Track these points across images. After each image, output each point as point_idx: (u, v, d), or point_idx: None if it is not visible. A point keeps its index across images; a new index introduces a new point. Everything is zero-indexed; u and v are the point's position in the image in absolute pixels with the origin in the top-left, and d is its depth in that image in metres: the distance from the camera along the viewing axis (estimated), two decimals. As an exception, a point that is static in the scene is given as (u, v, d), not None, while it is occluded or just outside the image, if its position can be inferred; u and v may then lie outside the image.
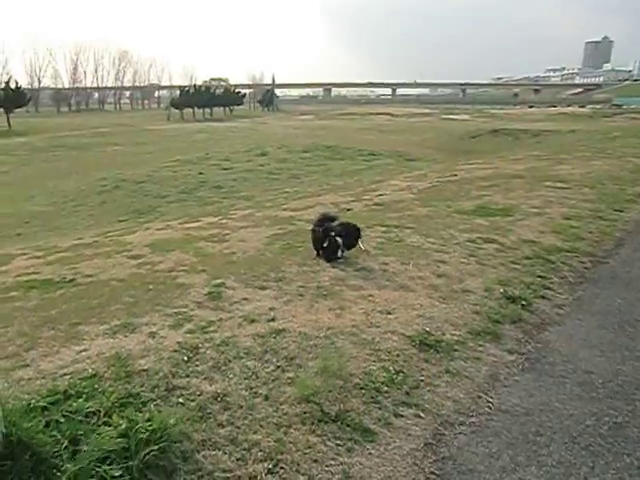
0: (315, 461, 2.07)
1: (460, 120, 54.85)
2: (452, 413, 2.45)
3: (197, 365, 2.69)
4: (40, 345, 3.00)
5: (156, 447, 1.94)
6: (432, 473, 2.07)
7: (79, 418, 2.04)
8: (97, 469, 1.78)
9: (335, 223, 4.70)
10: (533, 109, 73.82)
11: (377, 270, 4.25)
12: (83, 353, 2.83)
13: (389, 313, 3.41)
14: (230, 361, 2.74)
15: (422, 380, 2.68)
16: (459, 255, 4.59)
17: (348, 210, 7.38)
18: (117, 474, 1.80)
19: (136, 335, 3.09)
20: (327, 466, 2.06)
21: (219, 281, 4.10)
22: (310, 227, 4.95)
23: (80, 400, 2.23)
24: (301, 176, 19.51)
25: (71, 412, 2.12)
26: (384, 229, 5.71)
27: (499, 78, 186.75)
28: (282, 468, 2.02)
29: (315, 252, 4.69)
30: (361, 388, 2.56)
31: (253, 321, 3.26)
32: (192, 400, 2.37)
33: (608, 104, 77.91)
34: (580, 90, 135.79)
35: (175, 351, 2.83)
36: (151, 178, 20.10)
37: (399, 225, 5.83)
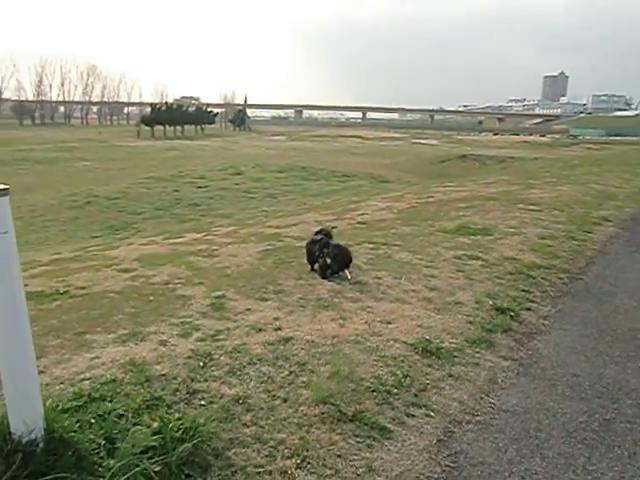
0: (339, 456, 2.20)
1: (429, 145, 56.44)
2: (459, 413, 2.62)
3: (213, 370, 2.78)
4: (49, 353, 3.03)
5: (190, 444, 2.03)
6: (447, 466, 2.22)
7: (110, 418, 2.11)
8: (138, 464, 1.86)
9: (331, 243, 4.79)
10: (498, 136, 76.63)
11: (371, 284, 4.43)
12: (96, 360, 2.88)
13: (389, 323, 3.57)
14: (244, 367, 2.84)
15: (428, 383, 2.84)
16: (448, 270, 4.82)
17: (333, 228, 7.56)
18: (157, 469, 1.88)
19: (146, 343, 3.15)
20: (351, 461, 2.19)
21: (219, 293, 4.19)
22: (303, 243, 5.08)
23: (106, 402, 2.30)
24: (277, 195, 19.71)
25: (100, 414, 2.18)
26: (372, 246, 5.91)
27: (465, 106, 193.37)
28: (309, 463, 2.13)
29: (310, 267, 4.83)
30: (372, 391, 2.70)
31: (260, 330, 3.37)
32: (214, 402, 2.46)
33: (565, 134, 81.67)
34: (540, 120, 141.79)
35: (189, 357, 2.92)
36: (125, 194, 19.94)
37: (386, 243, 6.04)
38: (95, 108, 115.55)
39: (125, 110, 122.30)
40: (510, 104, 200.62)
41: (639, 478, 2.21)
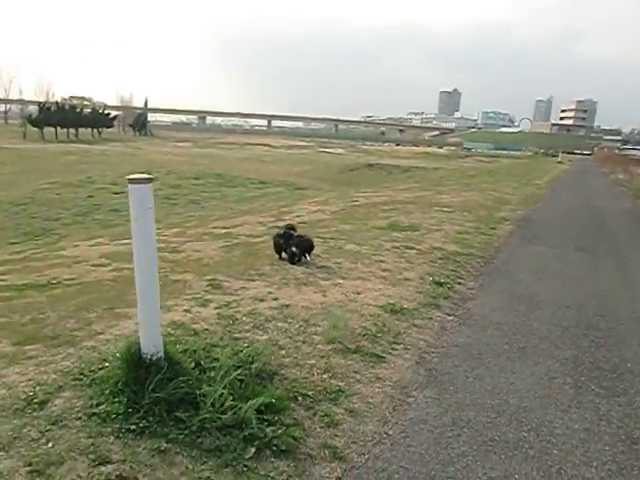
0: (355, 372, 3.13)
1: (336, 154, 58.72)
2: (426, 347, 3.66)
3: (241, 326, 3.58)
4: (95, 322, 3.62)
5: (257, 364, 2.85)
6: (425, 375, 3.24)
7: (198, 351, 2.86)
8: (231, 374, 2.65)
9: (294, 234, 5.72)
10: (400, 147, 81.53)
11: (334, 268, 5.39)
12: (143, 323, 3.54)
13: (359, 294, 4.56)
14: (264, 323, 3.67)
15: (400, 331, 3.86)
16: (392, 257, 5.93)
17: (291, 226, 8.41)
18: (243, 377, 2.68)
19: (173, 312, 3.84)
20: (363, 375, 3.12)
21: (210, 277, 4.91)
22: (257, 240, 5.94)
23: (181, 344, 3.02)
24: (200, 202, 20.05)
25: (183, 351, 2.91)
26: (321, 240, 6.87)
27: (368, 116, 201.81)
28: (336, 377, 3.04)
29: (277, 256, 5.68)
30: (363, 335, 3.66)
31: (262, 300, 4.19)
32: (255, 344, 3.27)
33: (460, 147, 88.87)
34: (437, 133, 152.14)
35: (218, 319, 3.68)
36: (32, 200, 19.14)
37: (333, 237, 7.05)
38: None
39: (1, 108, 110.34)
40: (410, 116, 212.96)
41: (545, 379, 3.36)
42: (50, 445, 2.11)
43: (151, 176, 2.47)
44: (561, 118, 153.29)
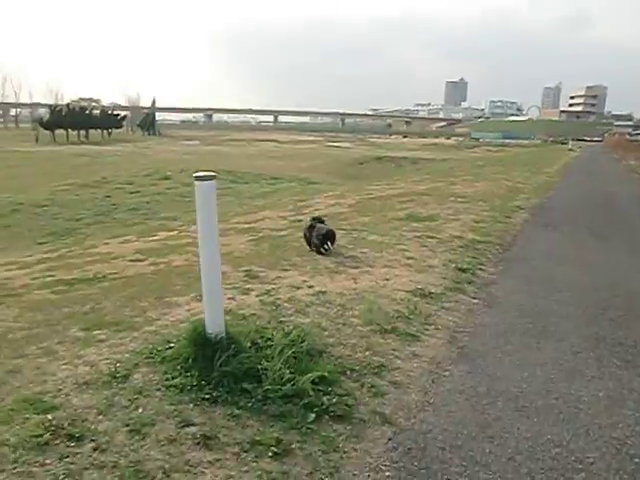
0: (394, 349, 3.41)
1: (344, 148, 58.86)
2: (455, 327, 3.93)
3: (284, 311, 3.87)
4: (149, 310, 3.93)
5: (306, 343, 3.14)
6: (457, 351, 3.51)
7: (252, 331, 3.16)
8: (287, 351, 2.93)
9: (316, 226, 6.00)
10: (407, 139, 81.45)
11: (361, 257, 5.67)
12: (195, 309, 3.84)
13: (387, 280, 4.83)
14: (304, 308, 3.96)
15: (430, 313, 4.13)
16: (414, 246, 6.19)
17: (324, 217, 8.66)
18: (296, 354, 2.97)
19: (219, 300, 4.13)
20: (401, 352, 3.40)
21: (245, 268, 5.20)
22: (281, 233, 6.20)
23: (236, 327, 3.31)
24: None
25: (239, 332, 3.20)
26: (344, 232, 7.14)
27: (374, 109, 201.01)
28: (377, 353, 3.32)
29: (309, 247, 5.96)
30: (397, 317, 3.93)
31: (298, 288, 4.48)
32: (299, 327, 3.56)
33: (467, 137, 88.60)
34: (444, 124, 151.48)
35: (262, 305, 3.97)
36: (53, 202, 19.56)
37: (354, 229, 7.32)
38: None
39: (12, 112, 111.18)
40: (417, 108, 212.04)
41: (569, 354, 3.61)
42: (140, 411, 2.42)
43: (214, 173, 2.76)
44: (570, 105, 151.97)
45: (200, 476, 2.08)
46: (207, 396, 2.57)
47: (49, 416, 2.29)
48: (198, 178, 2.67)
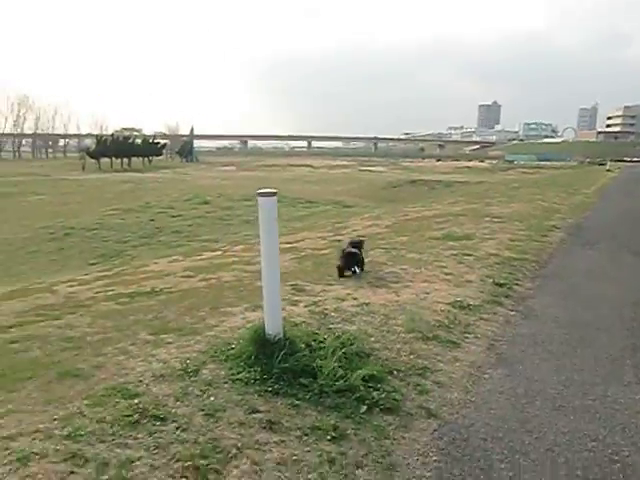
0: (435, 354, 3.65)
1: (378, 172, 59.26)
2: (494, 336, 4.14)
3: (332, 319, 4.16)
4: (208, 318, 4.29)
5: (355, 345, 3.42)
6: (496, 357, 3.71)
7: (307, 335, 3.46)
8: (338, 352, 3.22)
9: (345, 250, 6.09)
10: (440, 162, 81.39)
11: (401, 273, 5.92)
12: (248, 318, 4.18)
13: (427, 293, 5.07)
14: (350, 317, 4.24)
15: (469, 323, 4.35)
16: (452, 263, 6.40)
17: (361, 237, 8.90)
18: (346, 355, 3.25)
19: (269, 310, 4.46)
20: (442, 356, 3.64)
21: (291, 282, 5.52)
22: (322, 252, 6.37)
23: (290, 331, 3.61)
24: (253, 221, 20.78)
25: (293, 335, 3.50)
26: (383, 250, 7.42)
27: (407, 133, 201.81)
28: (421, 357, 3.56)
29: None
30: (438, 326, 4.17)
31: (343, 300, 4.77)
32: (346, 333, 3.84)
33: (501, 160, 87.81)
34: (478, 147, 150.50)
35: (311, 314, 4.28)
36: (101, 225, 20.61)
37: (393, 247, 7.58)
38: (24, 140, 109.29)
39: (61, 142, 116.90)
40: (449, 132, 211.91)
41: (606, 362, 3.76)
42: (212, 399, 2.74)
43: (275, 190, 3.12)
44: (608, 125, 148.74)
45: (268, 453, 2.37)
46: (269, 388, 2.88)
47: (135, 401, 2.64)
48: (261, 194, 3.03)
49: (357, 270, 5.81)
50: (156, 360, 3.25)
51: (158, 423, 2.48)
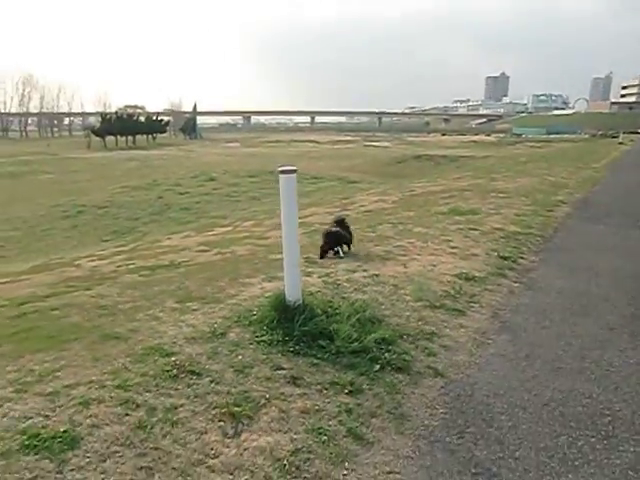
0: (442, 321, 3.91)
1: (382, 147, 58.91)
2: (498, 305, 4.39)
3: (345, 289, 4.41)
4: (227, 288, 4.55)
5: (368, 311, 3.68)
6: (500, 324, 3.97)
7: (323, 302, 3.72)
8: (354, 316, 3.48)
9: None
10: (446, 137, 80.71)
11: (408, 247, 6.15)
12: (266, 287, 4.44)
13: (434, 266, 5.31)
14: (362, 287, 4.49)
15: (474, 293, 4.60)
16: (457, 237, 6.63)
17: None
18: (360, 320, 3.51)
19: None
20: (449, 323, 3.90)
21: (304, 256, 5.74)
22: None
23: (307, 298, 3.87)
24: (260, 197, 21.23)
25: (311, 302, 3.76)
26: (390, 225, 7.64)
27: (411, 107, 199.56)
28: (428, 324, 3.83)
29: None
30: (445, 296, 4.42)
31: (354, 271, 5.02)
32: (359, 301, 4.10)
33: (509, 133, 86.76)
34: (484, 120, 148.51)
35: (324, 284, 4.53)
36: (112, 203, 20.93)
37: (400, 222, 7.80)
38: (30, 119, 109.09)
39: (66, 121, 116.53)
40: (455, 105, 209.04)
41: (605, 329, 4.00)
42: (240, 358, 3.02)
43: (295, 167, 3.34)
44: (622, 95, 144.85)
45: (293, 403, 2.65)
46: (291, 349, 3.15)
47: (172, 358, 2.93)
48: (282, 172, 3.26)
49: (341, 252, 5.64)
50: (185, 325, 3.53)
51: (194, 377, 2.76)
